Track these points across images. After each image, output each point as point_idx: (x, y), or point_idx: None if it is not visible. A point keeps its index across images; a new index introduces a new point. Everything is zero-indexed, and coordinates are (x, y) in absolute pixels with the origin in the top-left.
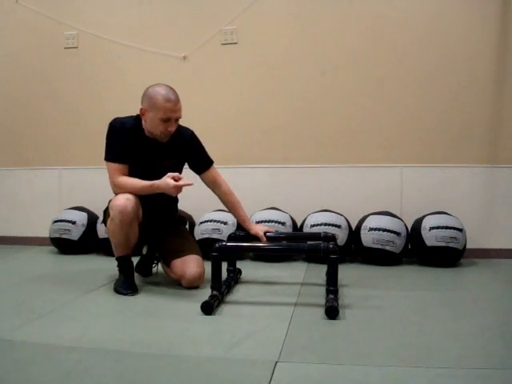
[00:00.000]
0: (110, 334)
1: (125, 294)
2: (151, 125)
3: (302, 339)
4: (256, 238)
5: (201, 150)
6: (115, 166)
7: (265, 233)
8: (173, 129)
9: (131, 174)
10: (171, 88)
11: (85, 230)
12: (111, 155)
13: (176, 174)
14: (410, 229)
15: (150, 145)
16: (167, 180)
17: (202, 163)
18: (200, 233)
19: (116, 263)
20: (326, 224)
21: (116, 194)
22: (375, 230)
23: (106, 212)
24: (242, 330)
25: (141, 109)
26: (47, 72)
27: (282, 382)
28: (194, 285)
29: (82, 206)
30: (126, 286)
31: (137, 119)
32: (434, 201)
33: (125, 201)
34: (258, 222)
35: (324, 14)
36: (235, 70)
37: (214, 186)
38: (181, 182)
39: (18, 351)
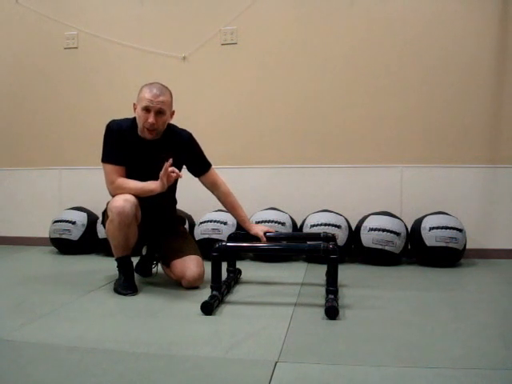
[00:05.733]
0: (110, 334)
1: (125, 295)
2: (138, 118)
3: (302, 339)
4: (256, 238)
5: (199, 153)
6: (112, 167)
7: (265, 233)
8: (152, 120)
9: (128, 176)
10: (162, 85)
11: (85, 230)
12: (108, 157)
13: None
14: (409, 229)
15: (146, 146)
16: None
17: (200, 166)
18: (200, 233)
19: (116, 264)
20: (325, 224)
21: (113, 195)
22: (375, 230)
23: (105, 213)
24: (242, 330)
25: (133, 104)
26: (47, 72)
27: (282, 382)
28: (193, 285)
29: (81, 206)
30: (125, 286)
31: (133, 121)
32: (434, 201)
33: (123, 202)
34: (257, 222)
35: (324, 14)
36: (235, 70)
37: (213, 187)
38: (164, 173)
39: (18, 351)
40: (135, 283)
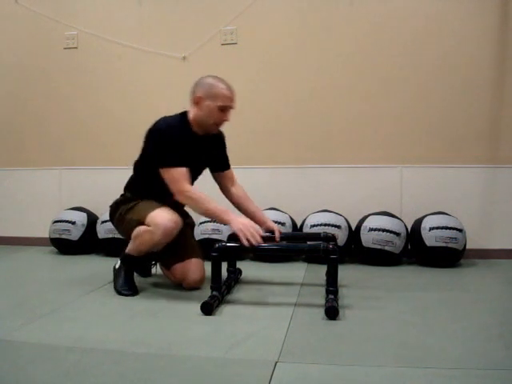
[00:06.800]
0: (110, 334)
1: (125, 295)
2: (207, 114)
3: (302, 339)
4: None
5: (225, 149)
6: (180, 171)
7: (268, 231)
8: (228, 119)
9: None
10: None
11: (84, 230)
12: (174, 160)
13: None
14: (409, 229)
15: (199, 142)
16: (250, 227)
17: (225, 161)
18: (200, 233)
19: (120, 258)
20: (325, 224)
21: (181, 201)
22: (375, 230)
23: (126, 211)
24: (242, 330)
25: (196, 97)
26: (47, 72)
27: (282, 382)
28: (194, 287)
29: (81, 207)
30: (126, 286)
31: (182, 117)
32: (434, 201)
33: (173, 224)
34: None
35: (324, 14)
36: (235, 70)
37: (232, 183)
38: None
39: (18, 351)
40: (135, 283)
